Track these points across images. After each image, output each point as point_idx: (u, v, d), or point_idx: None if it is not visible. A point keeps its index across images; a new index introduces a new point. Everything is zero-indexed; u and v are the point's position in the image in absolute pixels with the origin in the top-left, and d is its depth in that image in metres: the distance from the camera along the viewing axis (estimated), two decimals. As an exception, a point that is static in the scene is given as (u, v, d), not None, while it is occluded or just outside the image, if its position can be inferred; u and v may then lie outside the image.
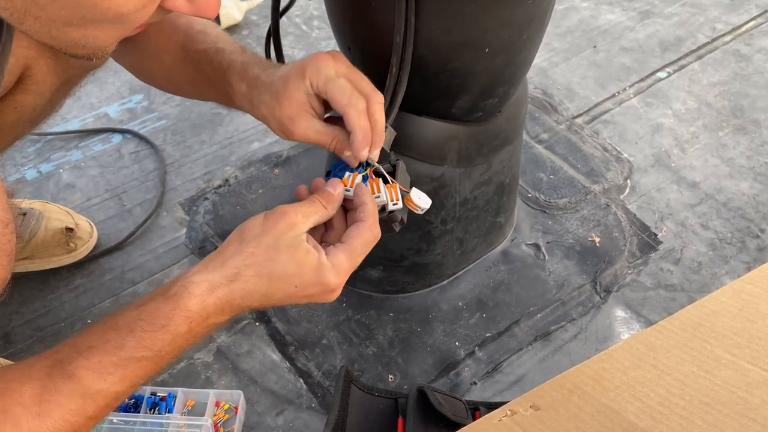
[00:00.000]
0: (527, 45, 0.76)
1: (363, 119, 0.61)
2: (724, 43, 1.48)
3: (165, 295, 0.56)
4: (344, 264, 0.59)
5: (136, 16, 0.48)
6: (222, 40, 0.71)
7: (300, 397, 0.93)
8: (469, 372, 0.95)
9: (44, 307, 1.02)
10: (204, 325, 0.57)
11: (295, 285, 0.58)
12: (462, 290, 1.04)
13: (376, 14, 0.70)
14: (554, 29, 1.51)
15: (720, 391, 0.66)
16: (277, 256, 0.57)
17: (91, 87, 1.36)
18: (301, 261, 0.57)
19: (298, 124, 0.63)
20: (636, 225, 1.14)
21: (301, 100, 0.62)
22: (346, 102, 0.61)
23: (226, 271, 0.57)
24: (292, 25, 1.53)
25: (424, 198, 0.67)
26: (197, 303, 0.56)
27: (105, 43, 0.51)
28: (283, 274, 0.57)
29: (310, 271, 0.57)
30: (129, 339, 0.54)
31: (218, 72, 0.69)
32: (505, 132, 0.90)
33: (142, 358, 0.55)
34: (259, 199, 1.17)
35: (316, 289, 0.59)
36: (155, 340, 0.55)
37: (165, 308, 0.55)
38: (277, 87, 0.63)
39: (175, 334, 0.55)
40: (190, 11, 0.51)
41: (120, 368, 0.54)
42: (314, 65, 0.61)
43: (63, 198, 1.17)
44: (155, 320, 0.55)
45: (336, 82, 0.61)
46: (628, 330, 1.00)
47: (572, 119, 1.32)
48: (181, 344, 0.57)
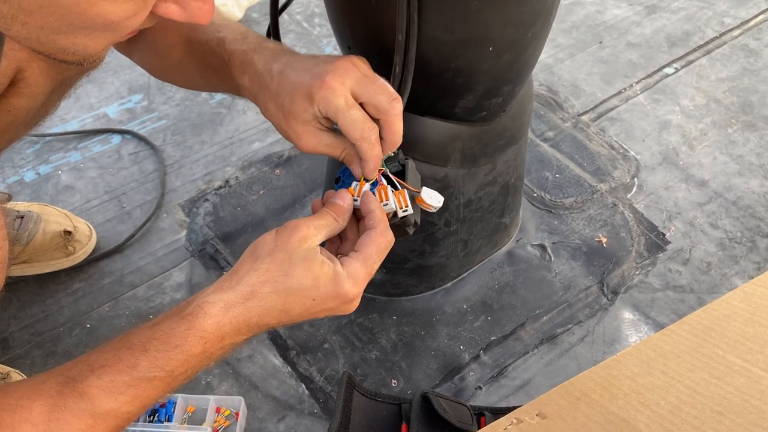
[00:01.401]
0: (533, 42, 0.74)
1: (375, 149, 0.61)
2: (733, 37, 1.45)
3: (180, 314, 0.55)
4: (360, 272, 0.58)
5: (127, 23, 0.46)
6: (224, 28, 0.69)
7: (302, 402, 0.91)
8: (474, 376, 0.94)
9: (43, 312, 1.01)
10: (219, 345, 0.56)
11: (312, 298, 0.57)
12: (466, 292, 1.02)
13: (376, 12, 0.68)
14: (559, 24, 1.49)
15: (733, 399, 0.64)
16: (293, 270, 0.56)
17: (90, 87, 1.35)
18: (316, 273, 0.56)
19: (306, 140, 0.62)
20: (643, 224, 1.12)
21: (307, 119, 0.61)
22: (358, 136, 0.59)
23: (241, 289, 0.56)
24: (293, 22, 1.51)
25: (435, 196, 0.65)
26: (212, 323, 0.55)
27: (95, 50, 0.49)
28: (299, 288, 0.56)
29: (327, 282, 0.56)
30: (142, 359, 0.53)
31: (221, 64, 0.66)
32: (510, 131, 0.88)
33: (155, 378, 0.54)
34: (260, 200, 1.15)
35: (335, 302, 0.58)
36: (168, 361, 0.54)
37: (179, 328, 0.54)
38: (282, 102, 0.61)
39: (189, 354, 0.54)
40: (183, 18, 0.49)
41: (132, 388, 0.53)
42: (323, 95, 0.58)
43: (62, 200, 1.16)
44: (169, 340, 0.54)
45: (347, 115, 0.59)
46: (636, 332, 0.99)
47: (578, 117, 1.30)
48: (195, 365, 0.55)
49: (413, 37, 0.65)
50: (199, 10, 0.49)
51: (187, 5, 0.49)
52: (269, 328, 0.58)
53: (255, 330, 0.57)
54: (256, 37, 0.66)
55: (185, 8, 0.49)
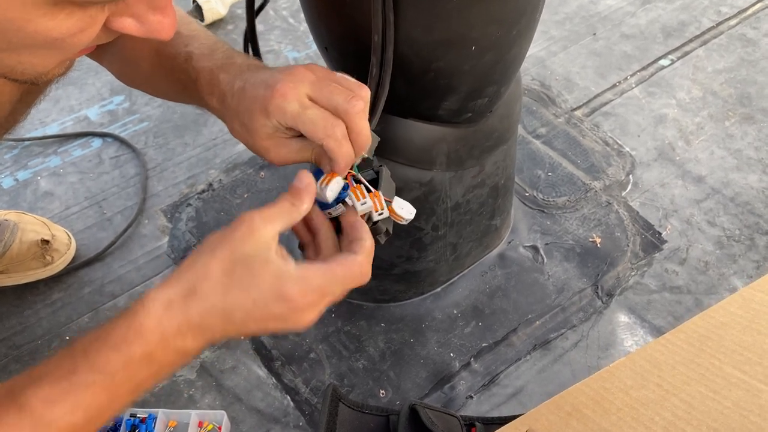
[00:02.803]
0: (518, 41, 0.70)
1: (343, 146, 0.55)
2: (730, 27, 1.42)
3: (122, 314, 0.50)
4: (313, 280, 0.50)
5: (73, 40, 0.42)
6: (193, 41, 0.65)
7: (287, 415, 0.88)
8: (465, 385, 0.91)
9: (20, 324, 0.98)
10: (163, 347, 0.50)
11: (253, 299, 0.50)
12: (457, 297, 0.99)
13: (351, 12, 0.65)
14: (552, 16, 1.45)
15: (730, 414, 0.61)
16: (233, 268, 0.50)
17: (70, 89, 1.32)
18: (258, 271, 0.50)
19: (275, 152, 0.58)
20: (639, 223, 1.08)
21: (269, 132, 0.57)
22: (321, 135, 0.54)
23: (181, 285, 0.50)
24: (279, 18, 1.47)
25: (407, 207, 0.61)
26: (152, 321, 0.49)
27: (43, 69, 0.46)
28: (240, 286, 0.50)
29: (269, 280, 0.49)
30: (81, 362, 0.49)
31: (190, 82, 0.63)
32: (498, 132, 0.85)
33: (94, 384, 0.48)
34: (244, 204, 1.12)
35: (279, 307, 0.50)
36: (108, 362, 0.48)
37: (119, 327, 0.49)
38: (243, 119, 0.57)
39: (129, 356, 0.49)
40: (141, 33, 0.46)
41: (71, 395, 0.48)
42: (275, 104, 0.55)
43: (41, 207, 1.13)
44: (108, 339, 0.49)
45: (304, 117, 0.54)
46: (632, 336, 0.96)
47: (571, 112, 1.26)
48: (138, 370, 0.50)
49: (390, 38, 0.62)
50: (158, 24, 0.45)
51: (144, 20, 0.45)
52: (215, 336, 0.51)
53: (199, 333, 0.51)
54: (225, 51, 0.62)
55: (143, 23, 0.45)
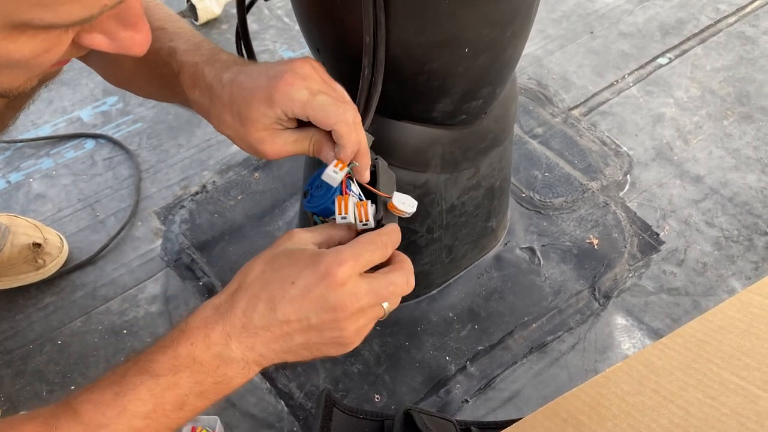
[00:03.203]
0: (512, 42, 0.69)
1: (353, 132, 0.55)
2: (728, 24, 1.41)
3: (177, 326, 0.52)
4: (345, 252, 0.50)
5: (39, 60, 0.41)
6: (178, 37, 0.64)
7: (281, 420, 0.87)
8: (461, 389, 0.90)
9: (12, 329, 0.97)
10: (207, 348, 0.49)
11: (292, 281, 0.50)
12: (452, 300, 0.98)
13: (343, 13, 0.64)
14: (549, 14, 1.44)
15: (728, 421, 0.60)
16: (275, 260, 0.52)
17: (63, 90, 1.30)
18: (297, 256, 0.51)
19: (271, 144, 0.57)
20: (636, 224, 1.07)
21: (268, 124, 0.56)
22: (333, 119, 0.54)
23: (228, 288, 0.52)
24: (273, 17, 1.46)
25: (408, 201, 0.60)
26: (198, 320, 0.50)
27: (12, 86, 0.45)
28: (278, 271, 0.51)
29: (306, 259, 0.51)
30: (132, 367, 0.49)
31: (172, 76, 0.62)
32: (493, 133, 0.84)
33: (140, 385, 0.48)
34: (238, 206, 1.11)
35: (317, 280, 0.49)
36: (154, 363, 0.49)
37: (171, 332, 0.51)
38: (239, 109, 0.56)
39: (175, 356, 0.49)
40: (113, 49, 0.45)
41: (120, 398, 0.48)
42: (283, 92, 0.54)
43: (33, 209, 1.12)
44: (158, 343, 0.50)
45: (314, 102, 0.54)
46: (630, 338, 0.95)
47: (568, 111, 1.25)
48: (184, 377, 0.49)
49: (381, 40, 0.61)
50: (130, 39, 0.44)
51: (115, 36, 0.44)
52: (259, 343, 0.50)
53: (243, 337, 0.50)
54: (210, 49, 0.61)
55: (114, 39, 0.44)
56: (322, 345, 0.52)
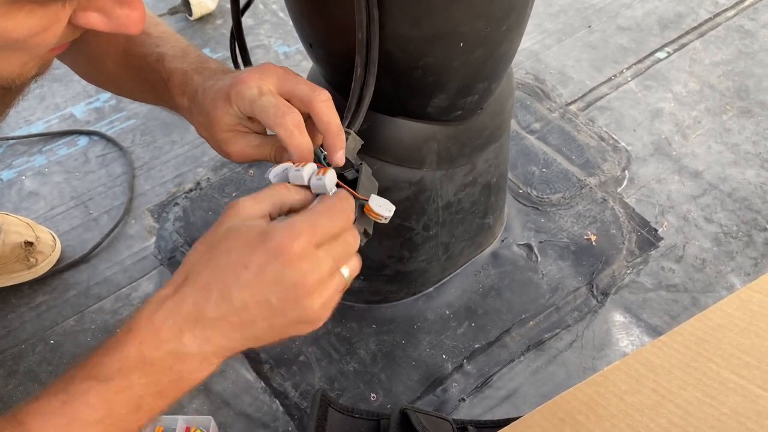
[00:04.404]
0: (508, 36, 0.68)
1: (295, 136, 0.52)
2: (727, 18, 1.39)
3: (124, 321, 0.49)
4: (298, 224, 0.46)
5: (37, 40, 0.40)
6: (164, 43, 0.63)
7: (276, 420, 0.86)
8: (458, 388, 0.89)
9: (4, 328, 0.96)
10: (155, 345, 0.46)
11: (244, 264, 0.45)
12: (449, 297, 0.97)
13: (334, 8, 0.62)
14: (546, 8, 1.43)
15: (727, 421, 0.59)
16: (219, 242, 0.47)
17: (56, 86, 1.29)
18: (245, 235, 0.46)
19: (233, 144, 0.57)
20: (635, 220, 1.06)
21: (231, 122, 0.56)
22: (272, 122, 0.53)
23: (172, 280, 0.48)
24: (268, 12, 1.45)
25: (385, 205, 0.58)
26: (144, 317, 0.46)
27: (10, 72, 0.44)
28: (229, 258, 0.46)
29: (256, 237, 0.46)
30: (79, 371, 0.46)
31: (159, 82, 0.61)
32: (490, 129, 0.83)
33: (89, 391, 0.45)
34: (233, 203, 1.10)
35: (270, 259, 0.45)
36: (102, 367, 0.46)
37: (116, 333, 0.47)
38: (208, 110, 0.57)
39: (123, 358, 0.45)
40: (109, 28, 0.44)
41: (67, 405, 0.45)
42: (236, 89, 0.54)
43: (25, 207, 1.10)
44: (103, 345, 0.47)
45: (259, 102, 0.53)
46: (628, 336, 0.94)
47: (566, 106, 1.24)
48: (135, 379, 0.46)
49: (374, 35, 0.60)
50: (126, 18, 0.43)
51: (111, 14, 0.43)
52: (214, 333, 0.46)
53: (196, 327, 0.46)
54: (198, 55, 0.62)
55: (110, 17, 0.43)
56: (289, 326, 0.48)
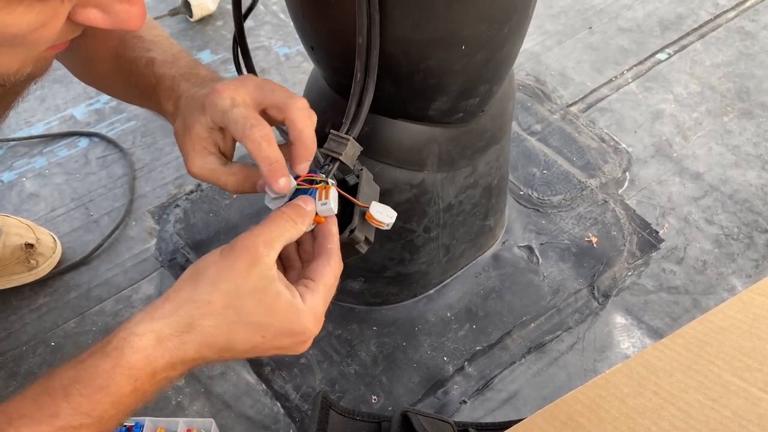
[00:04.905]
0: (510, 39, 0.68)
1: (264, 149, 0.52)
2: (728, 20, 1.39)
3: (104, 350, 0.48)
4: (320, 308, 0.51)
5: (36, 36, 0.40)
6: (155, 47, 0.63)
7: (277, 422, 0.86)
8: (459, 390, 0.89)
9: (5, 330, 0.96)
10: (152, 382, 0.49)
11: (262, 335, 0.50)
12: (450, 299, 0.97)
13: (336, 11, 0.62)
14: (547, 10, 1.43)
15: (729, 424, 0.59)
16: (241, 303, 0.49)
17: (56, 87, 1.29)
18: (271, 307, 0.49)
19: (192, 158, 0.56)
20: (636, 222, 1.06)
21: (202, 134, 0.55)
22: (240, 134, 0.52)
23: (176, 320, 0.48)
24: (269, 14, 1.45)
25: (386, 212, 0.58)
26: (141, 359, 0.48)
27: (8, 68, 0.44)
28: (248, 323, 0.49)
29: (284, 318, 0.49)
30: (64, 405, 0.47)
31: (149, 88, 0.61)
32: (491, 131, 0.83)
33: (81, 426, 0.47)
34: (233, 205, 1.10)
35: (290, 340, 0.51)
36: (95, 404, 0.47)
37: (104, 366, 0.47)
38: (185, 117, 0.56)
39: (118, 395, 0.48)
40: (108, 24, 0.44)
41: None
42: (210, 99, 0.54)
43: (26, 209, 1.10)
44: (93, 381, 0.47)
45: (230, 114, 0.53)
46: (629, 338, 0.94)
47: (567, 108, 1.24)
48: (127, 405, 0.49)
49: (375, 40, 0.60)
50: (126, 13, 0.43)
51: (110, 9, 0.43)
52: (208, 363, 0.51)
53: (191, 365, 0.50)
54: (188, 61, 0.61)
55: (109, 13, 0.43)
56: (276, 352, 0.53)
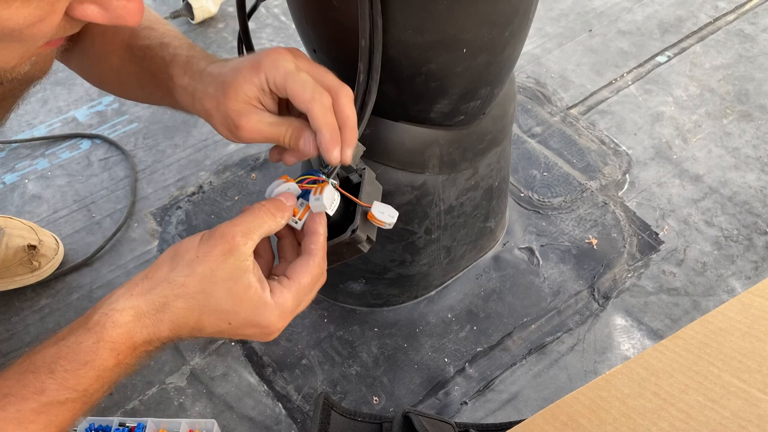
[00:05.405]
0: (511, 42, 0.69)
1: (330, 116, 0.53)
2: (727, 22, 1.40)
3: (85, 326, 0.50)
4: (289, 304, 0.53)
5: (34, 30, 0.41)
6: (169, 36, 0.64)
7: (279, 423, 0.87)
8: (460, 391, 0.89)
9: (7, 331, 0.96)
10: (133, 355, 0.51)
11: (228, 322, 0.52)
12: (451, 301, 0.98)
13: (339, 15, 0.63)
14: (547, 12, 1.43)
15: (729, 425, 0.59)
16: (212, 289, 0.50)
17: (58, 89, 1.29)
18: (239, 297, 0.51)
19: (247, 118, 0.55)
20: (636, 224, 1.07)
21: (250, 94, 0.55)
22: (309, 97, 0.52)
23: (152, 298, 0.50)
24: (270, 16, 1.45)
25: (388, 211, 0.59)
26: (123, 333, 0.50)
27: (5, 64, 0.44)
28: (216, 309, 0.51)
29: (249, 309, 0.51)
30: (49, 381, 0.49)
31: (161, 67, 0.61)
32: (492, 134, 0.83)
33: (67, 401, 0.49)
34: (235, 207, 1.10)
35: (253, 330, 0.53)
36: (80, 379, 0.49)
37: (87, 342, 0.49)
38: (225, 78, 0.55)
39: (102, 369, 0.50)
40: (106, 20, 0.44)
41: (42, 415, 0.48)
42: (271, 57, 0.54)
43: (28, 211, 1.11)
44: (77, 356, 0.49)
45: (297, 76, 0.53)
46: (629, 339, 0.94)
47: (567, 110, 1.25)
48: (110, 378, 0.51)
49: (378, 42, 0.60)
50: (123, 9, 0.43)
51: (108, 5, 0.43)
52: (181, 339, 0.54)
53: (166, 341, 0.52)
54: (202, 50, 0.62)
55: (107, 9, 0.43)
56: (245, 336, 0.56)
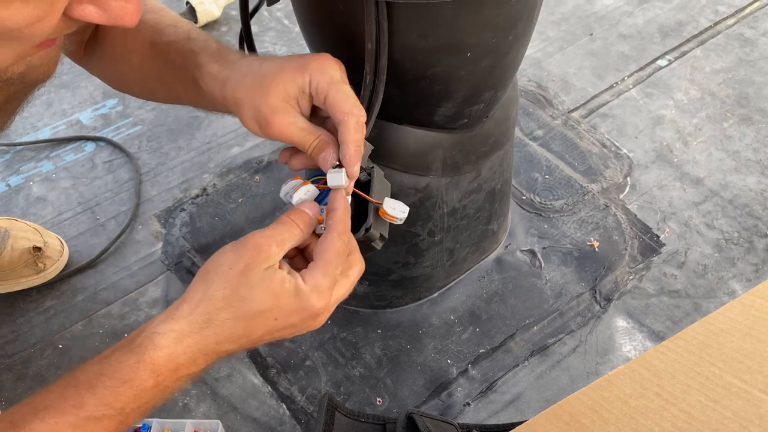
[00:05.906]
0: (514, 46, 0.69)
1: (360, 133, 0.56)
2: (728, 26, 1.41)
3: (129, 347, 0.51)
4: (323, 282, 0.54)
5: (32, 30, 0.41)
6: (195, 32, 0.65)
7: (283, 424, 0.87)
8: (462, 392, 0.90)
9: (12, 332, 0.97)
10: (173, 377, 0.52)
11: (275, 318, 0.53)
12: (454, 303, 0.98)
13: (345, 18, 0.64)
14: (548, 16, 1.44)
15: (730, 425, 0.60)
16: (251, 294, 0.52)
17: (63, 92, 1.30)
18: (277, 292, 0.52)
19: (281, 116, 0.56)
20: (637, 226, 1.08)
21: (291, 93, 0.56)
22: (348, 109, 0.55)
23: (195, 318, 0.52)
24: (273, 19, 1.46)
25: (399, 207, 0.60)
26: (164, 355, 0.51)
27: (2, 63, 0.45)
28: (260, 310, 0.52)
29: (289, 298, 0.53)
30: (89, 397, 0.50)
31: (189, 56, 0.62)
32: (495, 137, 0.84)
33: (104, 417, 0.50)
34: (239, 209, 1.11)
35: (299, 316, 0.54)
36: (118, 397, 0.50)
37: (128, 361, 0.51)
38: (266, 72, 0.57)
39: (140, 389, 0.51)
40: (104, 20, 0.44)
41: (79, 429, 0.49)
42: (319, 62, 0.56)
43: (33, 213, 1.11)
44: (117, 374, 0.50)
45: (341, 86, 0.55)
46: (631, 341, 0.95)
47: (568, 113, 1.25)
48: (148, 400, 0.52)
49: (384, 46, 0.61)
50: (121, 10, 0.44)
51: (106, 6, 0.44)
52: (229, 354, 0.54)
53: (213, 357, 0.53)
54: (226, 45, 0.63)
55: (105, 9, 0.44)
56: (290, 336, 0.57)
